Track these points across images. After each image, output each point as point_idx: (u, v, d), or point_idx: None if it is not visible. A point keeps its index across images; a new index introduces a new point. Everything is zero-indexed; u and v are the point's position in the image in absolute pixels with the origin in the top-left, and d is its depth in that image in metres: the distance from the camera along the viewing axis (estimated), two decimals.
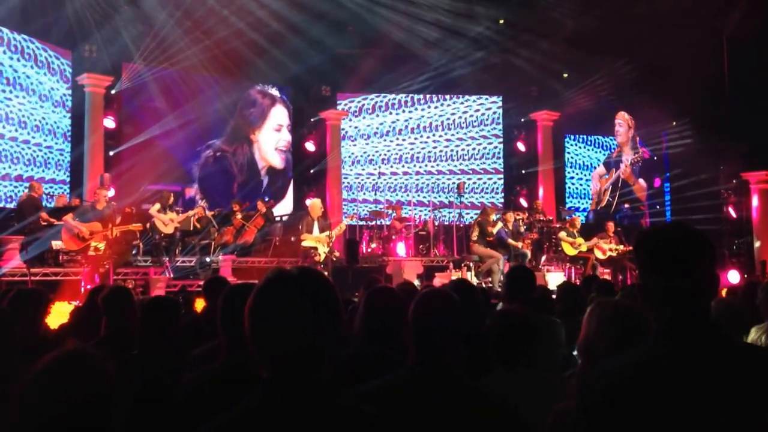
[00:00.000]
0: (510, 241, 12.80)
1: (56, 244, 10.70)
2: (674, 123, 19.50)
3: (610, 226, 13.83)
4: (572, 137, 19.89)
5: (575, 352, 3.93)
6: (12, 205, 12.60)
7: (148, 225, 12.02)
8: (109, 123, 14.59)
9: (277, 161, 17.70)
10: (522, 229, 13.63)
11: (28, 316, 3.66)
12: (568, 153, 19.74)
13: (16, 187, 13.28)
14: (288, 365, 1.46)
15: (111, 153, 14.65)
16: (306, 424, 1.43)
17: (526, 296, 4.10)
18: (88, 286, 9.35)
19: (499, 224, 12.73)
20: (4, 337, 2.69)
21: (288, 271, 1.52)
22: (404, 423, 1.55)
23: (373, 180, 18.23)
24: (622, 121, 20.24)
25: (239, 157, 17.09)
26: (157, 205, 12.20)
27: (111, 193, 12.38)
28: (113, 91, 14.66)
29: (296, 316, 1.45)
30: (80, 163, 14.24)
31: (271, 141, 17.60)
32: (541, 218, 14.86)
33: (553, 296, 5.69)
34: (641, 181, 20.18)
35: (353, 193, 18.08)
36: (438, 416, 1.99)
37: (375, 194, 17.75)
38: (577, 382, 1.60)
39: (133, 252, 12.05)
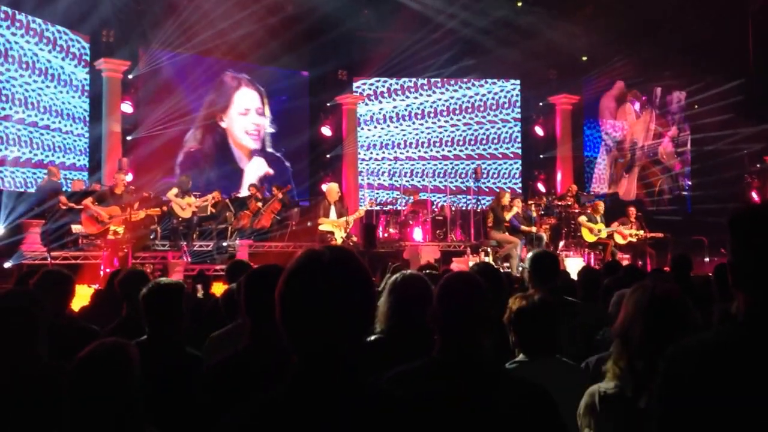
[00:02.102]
0: (523, 227, 12.74)
1: (76, 228, 10.78)
2: (696, 106, 19.28)
3: (632, 211, 13.71)
4: (591, 120, 19.70)
5: (598, 337, 3.91)
6: (32, 190, 12.68)
7: (165, 208, 12.06)
8: (127, 108, 14.63)
9: (252, 144, 17.14)
10: (534, 214, 13.53)
11: (54, 297, 3.66)
12: (587, 137, 19.56)
13: (35, 173, 13.35)
14: (320, 349, 1.44)
15: (129, 138, 14.70)
16: (339, 407, 1.41)
17: (553, 280, 4.05)
18: (108, 270, 9.42)
19: (515, 209, 12.65)
20: (33, 316, 2.69)
21: (320, 253, 1.48)
22: (433, 408, 1.52)
23: (390, 165, 18.18)
24: (635, 101, 19.99)
25: (207, 143, 16.40)
26: (175, 190, 12.23)
27: (129, 177, 12.43)
28: (131, 76, 14.69)
29: (328, 300, 1.42)
30: (98, 147, 14.31)
31: (240, 126, 16.97)
32: (560, 203, 14.75)
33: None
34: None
35: (369, 178, 18.03)
36: (467, 401, 1.96)
37: (391, 179, 17.71)
38: (663, 359, 1.54)
39: (151, 236, 12.11)
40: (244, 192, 15.47)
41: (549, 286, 3.86)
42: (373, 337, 2.84)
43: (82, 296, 7.21)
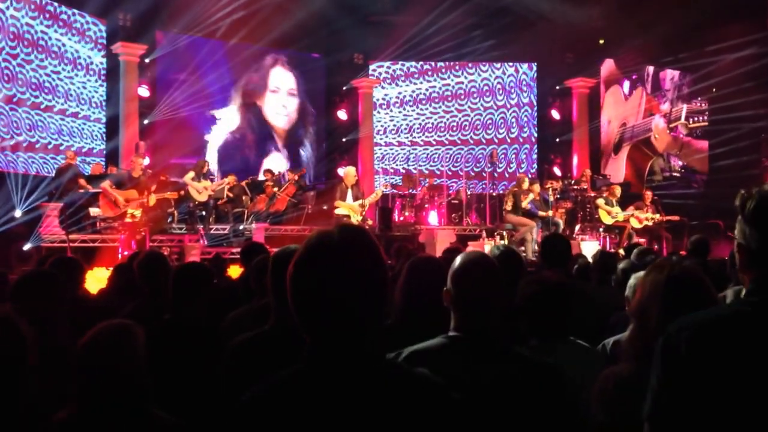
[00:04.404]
0: (540, 213, 12.70)
1: (94, 212, 10.86)
2: (714, 90, 19.06)
3: (648, 195, 13.63)
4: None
5: (612, 320, 3.91)
6: (51, 174, 12.77)
7: (182, 192, 12.14)
8: (144, 91, 14.69)
9: (282, 123, 17.50)
10: (552, 198, 13.47)
11: (67, 280, 3.72)
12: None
13: (53, 157, 13.44)
14: (332, 332, 1.43)
15: (145, 121, 14.77)
16: (355, 387, 1.41)
17: (564, 263, 4.04)
18: (125, 253, 9.49)
19: (531, 195, 12.60)
20: (53, 296, 2.75)
21: (329, 235, 1.45)
22: (450, 385, 1.52)
23: (406, 149, 18.16)
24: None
25: (244, 123, 16.88)
26: (192, 173, 12.29)
27: (146, 161, 12.50)
28: (147, 60, 14.72)
29: (339, 283, 1.40)
30: (115, 131, 14.38)
31: (272, 104, 17.35)
32: (576, 187, 14.67)
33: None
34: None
35: (385, 163, 18.02)
36: (480, 379, 1.98)
37: (407, 164, 17.71)
38: (661, 338, 1.54)
39: (168, 219, 12.19)
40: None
41: (560, 270, 3.85)
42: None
43: (100, 279, 7.31)
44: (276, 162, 16.88)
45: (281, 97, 17.36)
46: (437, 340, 2.12)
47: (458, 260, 2.18)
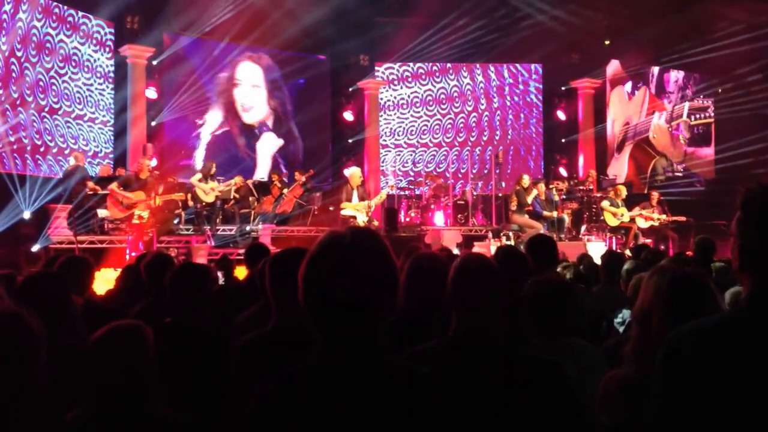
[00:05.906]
0: (545, 213, 12.69)
1: (102, 213, 10.92)
2: (719, 90, 19.01)
3: (654, 195, 13.59)
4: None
5: (617, 320, 3.92)
6: (59, 176, 12.81)
7: (189, 194, 12.19)
8: (151, 93, 14.74)
9: (250, 118, 16.81)
10: (557, 198, 13.46)
11: (76, 280, 3.75)
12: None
13: (59, 160, 13.48)
14: (342, 330, 1.46)
15: (153, 123, 14.82)
16: (364, 384, 1.44)
17: (549, 265, 3.99)
18: (133, 254, 9.54)
19: (534, 192, 12.59)
20: (60, 297, 2.77)
21: (341, 236, 1.50)
22: (453, 385, 1.54)
23: (412, 151, 18.16)
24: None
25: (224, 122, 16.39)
26: (199, 175, 12.35)
27: (153, 162, 12.54)
28: (155, 62, 14.77)
29: (349, 282, 1.44)
30: (123, 133, 14.42)
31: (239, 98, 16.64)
32: (581, 187, 14.65)
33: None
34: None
35: (391, 165, 18.02)
36: (485, 379, 1.99)
37: (416, 168, 17.74)
38: (663, 343, 1.51)
39: (175, 221, 12.24)
40: (261, 170, 15.59)
41: (546, 268, 3.79)
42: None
43: (107, 280, 7.36)
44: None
45: (245, 90, 16.65)
46: (438, 341, 2.14)
47: (458, 261, 2.20)
